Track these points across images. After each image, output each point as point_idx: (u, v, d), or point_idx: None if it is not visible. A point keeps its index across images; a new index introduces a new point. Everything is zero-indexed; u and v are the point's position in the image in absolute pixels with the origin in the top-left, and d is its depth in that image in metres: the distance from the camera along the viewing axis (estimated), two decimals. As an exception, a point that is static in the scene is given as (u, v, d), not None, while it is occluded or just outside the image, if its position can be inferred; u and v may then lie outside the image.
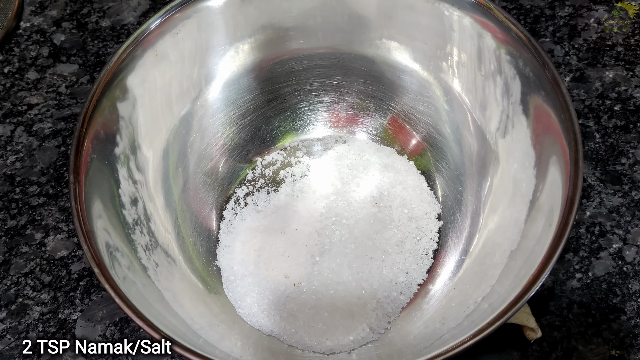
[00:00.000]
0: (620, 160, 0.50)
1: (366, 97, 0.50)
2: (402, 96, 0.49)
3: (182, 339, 0.32)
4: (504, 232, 0.39)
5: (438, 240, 0.45)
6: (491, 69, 0.42)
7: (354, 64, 0.48)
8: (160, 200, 0.43)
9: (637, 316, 0.44)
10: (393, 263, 0.44)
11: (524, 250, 0.36)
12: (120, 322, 0.45)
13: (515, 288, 0.32)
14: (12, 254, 0.48)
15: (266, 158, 0.51)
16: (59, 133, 0.54)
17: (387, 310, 0.42)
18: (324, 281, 0.43)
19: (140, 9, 0.61)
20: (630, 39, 0.56)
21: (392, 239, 0.45)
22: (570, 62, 0.56)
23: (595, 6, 0.58)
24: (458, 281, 0.41)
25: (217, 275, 0.45)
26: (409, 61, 0.47)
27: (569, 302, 0.44)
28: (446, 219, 0.46)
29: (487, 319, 0.31)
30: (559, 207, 0.34)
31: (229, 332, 0.40)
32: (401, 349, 0.39)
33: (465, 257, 0.42)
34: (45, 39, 0.59)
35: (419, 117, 0.49)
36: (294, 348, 0.41)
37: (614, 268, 0.46)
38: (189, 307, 0.39)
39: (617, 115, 0.52)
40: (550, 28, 0.58)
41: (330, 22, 0.46)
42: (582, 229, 0.48)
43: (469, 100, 0.44)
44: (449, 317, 0.37)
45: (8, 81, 0.57)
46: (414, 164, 0.49)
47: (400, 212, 0.46)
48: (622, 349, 0.43)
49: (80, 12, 0.61)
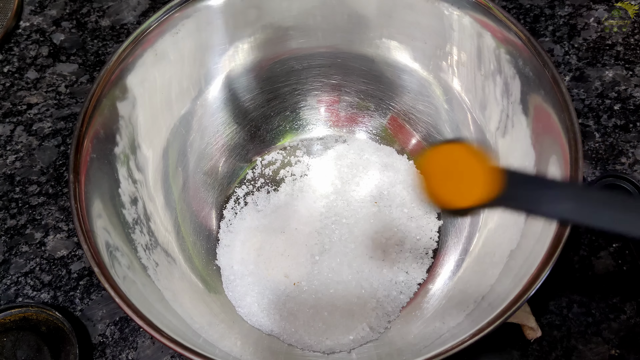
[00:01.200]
0: (620, 160, 0.50)
1: (366, 96, 0.50)
2: (402, 95, 0.49)
3: (182, 338, 0.32)
4: (503, 231, 0.39)
5: (438, 240, 0.45)
6: (491, 69, 0.42)
7: (354, 63, 0.48)
8: (160, 200, 0.43)
9: (636, 315, 0.44)
10: (393, 262, 0.44)
11: (523, 249, 0.36)
12: (120, 321, 0.45)
13: (515, 287, 0.32)
14: (12, 253, 0.48)
15: (266, 157, 0.51)
16: (58, 132, 0.54)
17: (387, 310, 0.42)
18: (323, 280, 0.43)
19: (139, 9, 0.61)
20: (630, 38, 0.56)
21: (392, 239, 0.45)
22: (570, 61, 0.56)
23: (595, 5, 0.58)
24: (458, 280, 0.41)
25: (217, 274, 0.45)
26: (409, 60, 0.47)
27: (568, 302, 0.44)
28: (446, 218, 0.46)
29: (487, 318, 0.31)
30: (559, 207, 0.34)
31: (228, 332, 0.40)
32: (401, 348, 0.39)
33: (465, 257, 0.42)
34: (44, 39, 0.59)
35: (419, 117, 0.49)
36: (294, 347, 0.41)
37: (614, 267, 0.46)
38: (188, 306, 0.39)
39: (617, 114, 0.52)
40: (550, 27, 0.58)
41: (330, 22, 0.46)
42: (582, 228, 0.48)
43: (468, 100, 0.44)
44: (449, 317, 0.37)
45: (8, 81, 0.57)
46: (414, 164, 0.49)
47: (400, 211, 0.46)
48: (621, 349, 0.43)
49: (80, 12, 0.61)
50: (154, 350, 0.44)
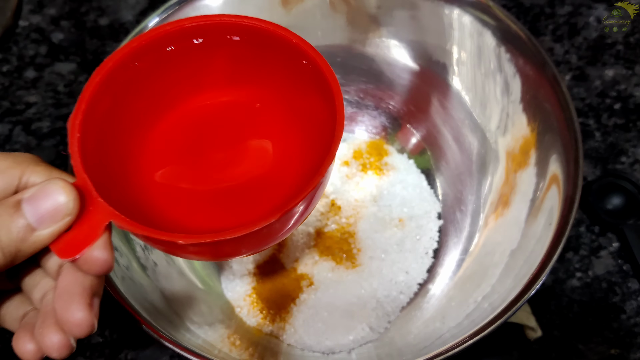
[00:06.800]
0: (620, 159, 0.50)
1: (365, 95, 0.50)
2: (401, 94, 0.49)
3: (181, 338, 0.32)
4: (503, 231, 0.39)
5: (438, 239, 0.45)
6: (491, 67, 0.42)
7: (353, 62, 0.48)
8: (159, 200, 0.43)
9: (637, 315, 0.44)
10: (393, 262, 0.44)
11: (524, 249, 0.36)
12: (120, 321, 0.45)
13: (516, 287, 0.32)
14: (11, 253, 0.48)
15: (265, 157, 0.50)
16: (57, 132, 0.54)
17: (387, 310, 0.42)
18: (323, 280, 0.43)
19: (138, 8, 0.61)
20: (630, 37, 0.56)
21: (392, 238, 0.45)
22: (570, 60, 0.55)
23: (595, 4, 0.58)
24: (458, 280, 0.41)
25: (216, 274, 0.45)
26: (409, 59, 0.46)
27: (569, 301, 0.44)
28: (446, 217, 0.46)
29: (487, 318, 0.31)
30: (559, 206, 0.34)
31: (228, 332, 0.40)
32: (401, 348, 0.39)
33: (466, 256, 0.42)
34: (43, 38, 0.59)
35: (419, 116, 0.49)
36: (294, 347, 0.41)
37: (614, 267, 0.46)
38: (187, 306, 0.39)
39: (617, 113, 0.52)
40: (550, 26, 0.58)
41: (329, 20, 0.46)
42: (582, 228, 0.48)
43: (468, 99, 0.44)
44: (449, 317, 0.37)
45: (6, 80, 0.57)
46: (414, 163, 0.49)
47: (400, 210, 0.46)
48: (622, 348, 0.43)
49: (79, 11, 0.61)
50: (153, 350, 0.44)
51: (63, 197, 0.21)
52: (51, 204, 0.21)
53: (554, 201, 0.35)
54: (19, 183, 0.23)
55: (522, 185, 0.39)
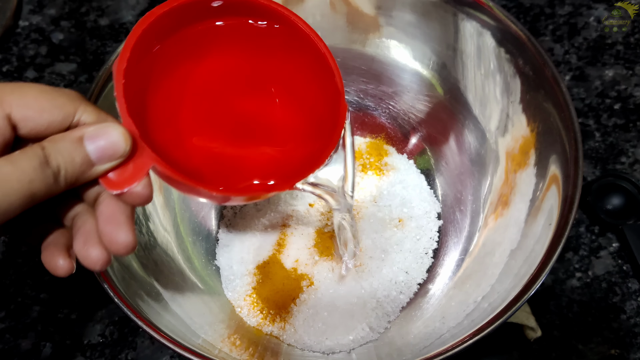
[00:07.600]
0: (620, 159, 0.50)
1: (365, 95, 0.50)
2: (401, 95, 0.49)
3: (181, 338, 0.32)
4: (503, 231, 0.39)
5: (438, 240, 0.45)
6: (491, 68, 0.42)
7: (353, 62, 0.48)
8: (159, 200, 0.43)
9: (636, 315, 0.44)
10: (393, 262, 0.44)
11: (523, 249, 0.36)
12: (120, 321, 0.45)
13: (515, 287, 0.32)
14: (12, 253, 0.48)
15: (265, 157, 0.50)
16: (57, 132, 0.54)
17: (387, 310, 0.42)
18: (323, 280, 0.43)
19: (138, 8, 0.61)
20: (630, 37, 0.56)
21: (391, 238, 0.45)
22: (570, 60, 0.55)
23: (595, 5, 0.58)
24: (458, 280, 0.41)
25: (217, 274, 0.45)
26: (409, 59, 0.46)
27: (568, 301, 0.44)
28: (446, 218, 0.46)
29: (486, 318, 0.31)
30: (559, 206, 0.34)
31: (228, 332, 0.40)
32: (401, 348, 0.39)
33: (465, 256, 0.42)
34: (43, 38, 0.59)
35: (419, 116, 0.49)
36: (294, 347, 0.41)
37: (614, 267, 0.46)
38: (188, 306, 0.39)
39: (617, 114, 0.52)
40: (550, 27, 0.58)
41: (329, 21, 0.46)
42: (582, 228, 0.48)
43: (468, 99, 0.44)
44: (449, 317, 0.37)
45: (6, 80, 0.57)
46: (413, 163, 0.49)
47: (400, 211, 0.46)
48: (621, 348, 0.43)
49: (79, 11, 0.61)
50: (153, 350, 0.44)
51: (122, 140, 0.24)
52: (111, 144, 0.24)
53: (554, 201, 0.35)
54: (73, 119, 0.25)
55: (522, 185, 0.39)
